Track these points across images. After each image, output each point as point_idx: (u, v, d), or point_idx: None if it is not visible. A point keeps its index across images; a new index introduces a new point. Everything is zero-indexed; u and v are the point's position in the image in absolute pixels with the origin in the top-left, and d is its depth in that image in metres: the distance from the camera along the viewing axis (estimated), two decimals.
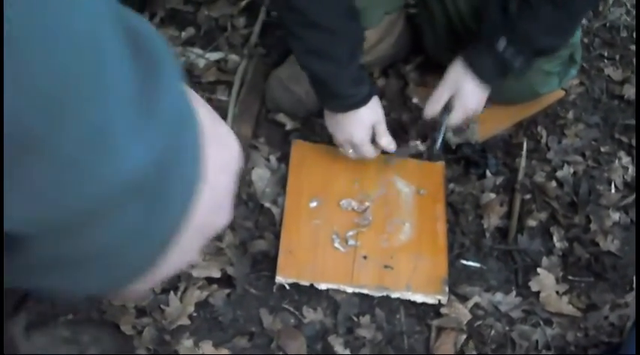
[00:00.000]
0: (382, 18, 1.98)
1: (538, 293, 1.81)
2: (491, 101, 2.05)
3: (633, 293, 1.83)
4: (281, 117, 2.01)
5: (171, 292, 1.68)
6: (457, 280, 1.81)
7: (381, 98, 2.04)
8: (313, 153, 1.94)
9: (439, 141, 1.86)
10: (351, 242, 1.79)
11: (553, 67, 2.01)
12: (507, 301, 1.79)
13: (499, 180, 1.97)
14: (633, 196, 2.00)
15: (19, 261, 0.48)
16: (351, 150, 1.81)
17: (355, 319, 1.72)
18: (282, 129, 2.01)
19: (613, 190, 2.01)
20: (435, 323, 1.73)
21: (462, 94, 1.79)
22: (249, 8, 2.27)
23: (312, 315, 1.71)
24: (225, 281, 1.73)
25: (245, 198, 1.86)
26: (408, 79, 2.12)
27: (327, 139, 1.98)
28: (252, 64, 2.11)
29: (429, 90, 2.09)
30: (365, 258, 1.78)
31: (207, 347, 1.63)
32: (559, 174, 2.01)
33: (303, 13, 1.62)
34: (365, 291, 1.74)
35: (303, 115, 2.03)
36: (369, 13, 1.94)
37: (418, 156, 1.99)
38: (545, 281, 1.82)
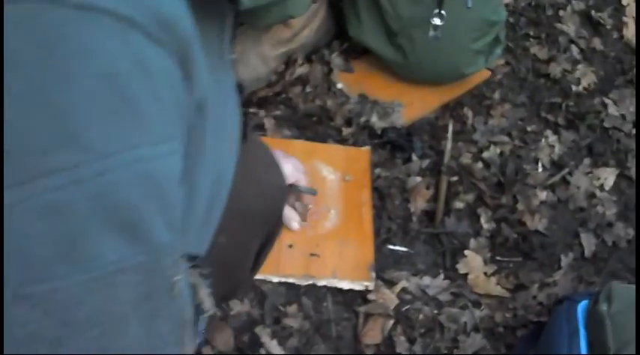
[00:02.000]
0: (309, 6, 1.96)
1: (466, 275, 1.80)
2: (417, 83, 2.07)
3: (561, 271, 1.83)
4: None
5: None
6: (384, 265, 1.79)
7: (304, 85, 2.04)
8: None
9: None
10: None
11: (480, 47, 2.00)
12: (435, 284, 1.78)
13: (425, 163, 1.96)
14: (560, 174, 2.00)
15: None
16: None
17: (282, 309, 1.70)
18: None
19: (540, 169, 2.01)
20: (362, 309, 1.71)
21: None
22: None
23: (238, 307, 1.69)
24: None
25: None
26: (333, 65, 2.10)
27: (250, 130, 1.96)
28: None
29: (354, 75, 2.09)
30: (290, 246, 1.76)
31: None
32: (485, 154, 2.00)
33: None
34: (291, 280, 1.73)
35: None
36: (296, 1, 1.92)
37: (343, 141, 1.98)
38: (473, 263, 1.82)
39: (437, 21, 1.88)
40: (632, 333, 1.35)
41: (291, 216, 1.75)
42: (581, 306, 1.49)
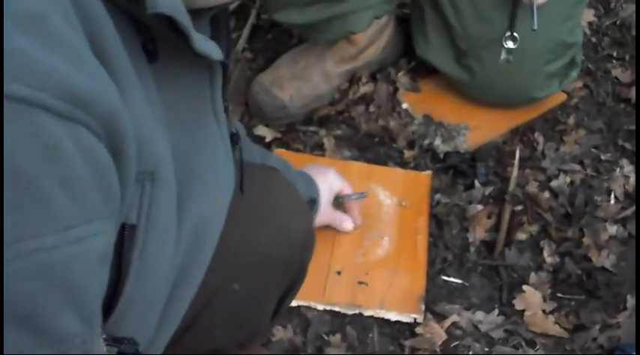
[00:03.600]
0: (371, 22, 1.90)
1: (523, 311, 1.71)
2: (486, 105, 1.98)
3: (627, 312, 1.72)
4: (260, 130, 1.94)
5: None
6: (436, 297, 1.72)
7: (368, 104, 1.98)
8: (295, 163, 1.87)
9: (535, 20, 1.71)
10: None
11: (554, 70, 1.91)
12: (488, 320, 1.69)
13: (488, 190, 1.87)
14: (633, 208, 1.88)
15: None
16: None
17: (326, 337, 1.65)
18: (262, 142, 1.93)
19: (612, 201, 1.89)
20: (407, 343, 1.65)
21: None
22: (238, 11, 2.20)
23: (281, 333, 1.65)
24: None
25: None
26: (398, 84, 2.03)
27: (309, 149, 1.92)
28: (237, 69, 2.05)
29: (421, 95, 2.02)
30: (339, 273, 1.71)
31: None
32: (554, 183, 1.90)
33: None
34: (337, 309, 1.68)
35: (287, 121, 1.96)
36: (357, 17, 1.87)
37: (404, 164, 1.91)
38: (531, 299, 1.72)
39: (510, 44, 1.80)
40: None
41: (342, 217, 1.72)
42: None
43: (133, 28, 0.70)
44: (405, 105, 2.00)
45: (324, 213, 1.63)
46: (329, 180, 1.63)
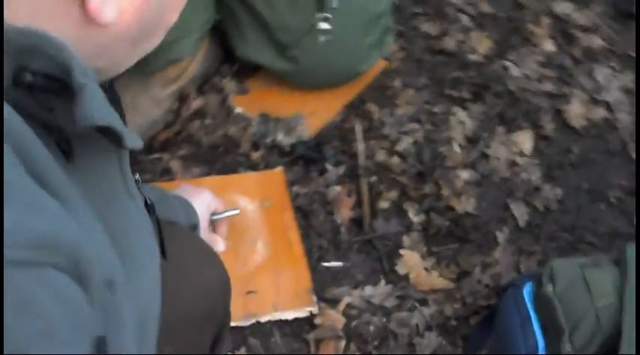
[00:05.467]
0: (197, 45, 1.90)
1: (407, 275, 1.76)
2: (315, 90, 2.02)
3: (499, 248, 1.80)
4: None
5: None
6: (324, 285, 1.74)
7: (203, 118, 1.97)
8: None
9: None
10: None
11: (373, 41, 1.96)
12: (378, 292, 1.73)
13: (341, 170, 1.91)
14: (476, 149, 1.97)
15: None
16: None
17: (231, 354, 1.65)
18: None
19: (457, 149, 1.98)
20: (311, 336, 1.66)
21: None
22: None
23: None
24: None
25: None
26: (227, 91, 2.04)
27: (158, 176, 1.90)
28: None
29: (251, 96, 2.03)
30: None
31: None
32: (399, 147, 1.96)
33: None
34: (233, 324, 1.67)
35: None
36: (181, 44, 1.86)
37: (255, 166, 1.92)
38: (411, 261, 1.78)
39: (324, 25, 1.83)
40: (582, 310, 1.33)
41: (213, 239, 1.70)
42: (527, 290, 1.46)
43: (43, 132, 0.67)
44: (238, 110, 2.00)
45: (203, 237, 1.60)
46: (206, 201, 1.58)
